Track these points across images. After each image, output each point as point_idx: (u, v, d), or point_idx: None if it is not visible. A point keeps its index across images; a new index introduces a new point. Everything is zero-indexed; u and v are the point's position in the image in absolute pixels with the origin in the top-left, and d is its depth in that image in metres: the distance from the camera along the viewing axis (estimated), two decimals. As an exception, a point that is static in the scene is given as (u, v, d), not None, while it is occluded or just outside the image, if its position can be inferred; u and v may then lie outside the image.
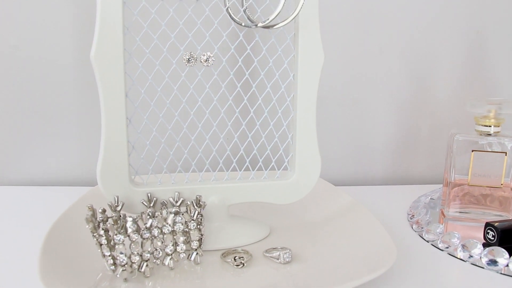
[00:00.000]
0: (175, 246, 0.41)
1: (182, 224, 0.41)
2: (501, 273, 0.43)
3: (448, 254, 0.47)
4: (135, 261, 0.39)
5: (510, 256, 0.44)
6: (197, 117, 0.45)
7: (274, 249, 0.44)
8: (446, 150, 0.56)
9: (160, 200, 0.44)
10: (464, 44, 0.70)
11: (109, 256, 0.38)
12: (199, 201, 0.43)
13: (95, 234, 0.38)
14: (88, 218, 0.38)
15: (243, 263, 0.41)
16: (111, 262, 0.38)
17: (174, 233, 0.41)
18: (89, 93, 0.64)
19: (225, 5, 0.43)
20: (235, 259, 0.42)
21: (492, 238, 0.47)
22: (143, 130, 0.44)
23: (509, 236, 0.46)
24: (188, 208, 0.42)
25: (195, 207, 0.43)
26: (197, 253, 0.42)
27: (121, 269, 0.38)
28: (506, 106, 0.52)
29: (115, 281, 0.38)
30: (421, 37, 0.69)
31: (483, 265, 0.44)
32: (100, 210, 0.40)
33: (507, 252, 0.44)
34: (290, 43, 0.46)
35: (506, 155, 0.52)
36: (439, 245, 0.48)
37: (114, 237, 0.38)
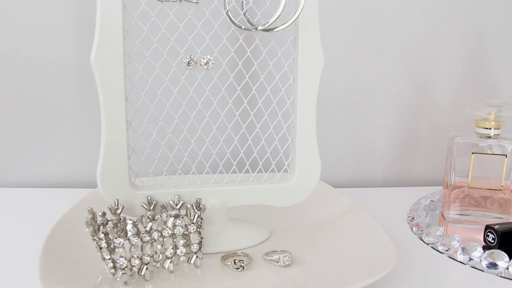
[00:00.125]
0: (175, 249, 0.41)
1: (182, 227, 0.41)
2: (501, 276, 0.43)
3: (448, 257, 0.47)
4: (135, 264, 0.39)
5: (510, 259, 0.44)
6: (197, 120, 0.45)
7: (274, 252, 0.44)
8: (446, 153, 0.56)
9: (160, 203, 0.44)
10: (464, 47, 0.70)
11: (109, 260, 0.38)
12: (199, 204, 0.43)
13: (95, 238, 0.38)
14: (88, 222, 0.38)
15: (243, 266, 0.41)
16: (111, 265, 0.38)
17: (174, 236, 0.41)
18: (90, 95, 0.64)
19: (225, 8, 0.43)
20: (235, 262, 0.42)
21: (492, 241, 0.47)
22: (143, 133, 0.44)
23: (509, 239, 0.46)
24: (188, 211, 0.42)
25: (195, 210, 0.43)
26: (197, 256, 0.42)
27: (121, 272, 0.38)
28: (506, 109, 0.52)
29: (115, 284, 0.38)
30: (421, 40, 0.69)
31: (483, 268, 0.44)
32: (100, 213, 0.40)
33: (507, 255, 0.44)
34: (290, 46, 0.46)
35: (506, 158, 0.52)
36: (439, 248, 0.48)
37: (114, 240, 0.38)
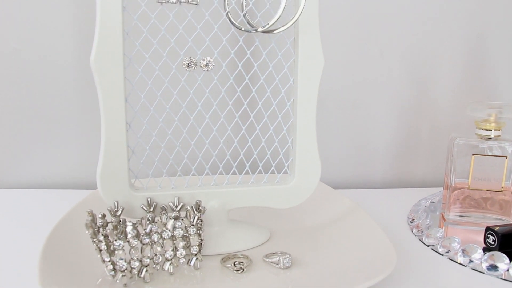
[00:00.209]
0: (175, 251, 0.41)
1: (182, 229, 0.41)
2: (502, 278, 0.43)
3: (449, 259, 0.47)
4: (135, 267, 0.39)
5: (511, 261, 0.44)
6: (197, 122, 0.45)
7: (274, 254, 0.44)
8: (447, 154, 0.55)
9: (160, 205, 0.44)
10: (465, 48, 0.70)
11: (109, 262, 0.38)
12: (199, 206, 0.43)
13: (95, 240, 0.38)
14: (88, 224, 0.38)
15: (243, 268, 0.41)
16: (111, 268, 0.38)
17: (174, 238, 0.41)
18: (90, 95, 0.64)
19: (225, 10, 0.42)
20: (235, 264, 0.42)
21: (493, 243, 0.47)
22: (143, 135, 0.44)
23: (510, 241, 0.46)
24: (188, 213, 0.42)
25: (195, 212, 0.43)
26: (197, 258, 0.42)
27: (121, 275, 0.38)
28: (507, 110, 0.52)
29: (115, 287, 0.38)
30: (422, 40, 0.69)
31: (484, 270, 0.44)
32: (100, 215, 0.40)
33: (507, 257, 0.44)
34: (290, 48, 0.46)
35: (507, 159, 0.52)
36: (439, 250, 0.48)
37: (114, 243, 0.38)
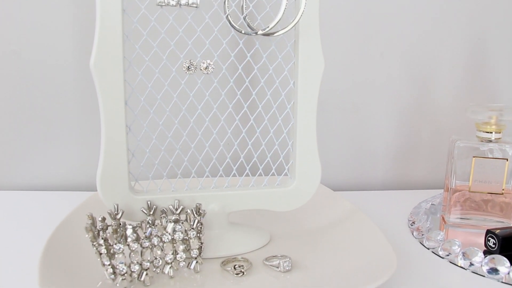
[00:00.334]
0: (175, 255, 0.41)
1: (182, 233, 0.41)
2: (502, 282, 0.43)
3: (449, 262, 0.46)
4: (135, 270, 0.39)
5: (511, 265, 0.44)
6: (197, 125, 0.45)
7: (274, 257, 0.44)
8: (447, 156, 0.55)
9: (160, 208, 0.44)
10: (465, 50, 0.70)
11: (109, 265, 0.38)
12: (199, 210, 0.43)
13: (95, 243, 0.38)
14: (88, 227, 0.38)
15: (243, 272, 0.41)
16: (111, 271, 0.38)
17: (174, 242, 0.41)
18: (90, 97, 0.64)
19: (225, 13, 0.42)
20: (235, 268, 0.42)
21: (493, 246, 0.47)
22: (143, 138, 0.44)
23: (510, 244, 0.46)
24: (188, 217, 0.42)
25: (195, 216, 0.42)
26: (197, 262, 0.42)
27: (121, 278, 0.38)
28: (507, 113, 0.52)
29: (115, 290, 0.38)
30: (422, 42, 0.69)
31: (484, 274, 0.44)
32: (100, 219, 0.40)
33: (508, 261, 0.44)
34: (290, 50, 0.46)
35: (508, 161, 0.52)
36: (440, 253, 0.48)
37: (114, 246, 0.38)
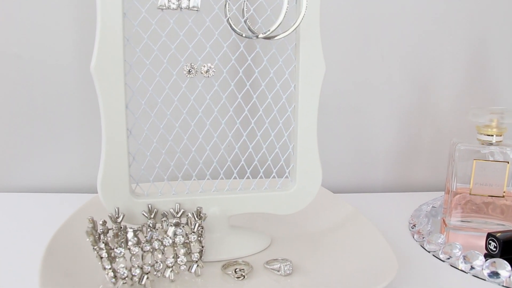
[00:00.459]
0: (176, 258, 0.41)
1: (183, 236, 0.41)
2: (503, 286, 0.43)
3: (450, 266, 0.46)
4: (136, 274, 0.39)
5: (512, 268, 0.44)
6: (198, 128, 0.45)
7: (275, 261, 0.44)
8: (448, 159, 0.55)
9: (161, 211, 0.44)
10: (466, 52, 0.70)
11: (110, 269, 0.38)
12: (200, 213, 0.43)
13: (96, 247, 0.38)
14: (89, 231, 0.38)
15: (244, 275, 0.41)
16: (112, 275, 0.38)
17: (175, 245, 0.41)
18: (91, 98, 0.64)
19: (226, 16, 0.42)
20: (236, 271, 0.42)
21: (494, 249, 0.47)
22: (144, 141, 0.44)
23: (511, 247, 0.46)
24: (189, 220, 0.42)
25: (196, 219, 0.42)
26: (198, 265, 0.42)
27: (122, 282, 0.38)
28: (508, 116, 0.52)
29: (116, 294, 0.38)
30: (423, 44, 0.69)
31: (485, 277, 0.44)
32: (101, 222, 0.40)
33: (509, 264, 0.44)
34: (291, 54, 0.46)
35: (509, 164, 0.52)
36: (441, 256, 0.48)
37: (115, 250, 0.38)
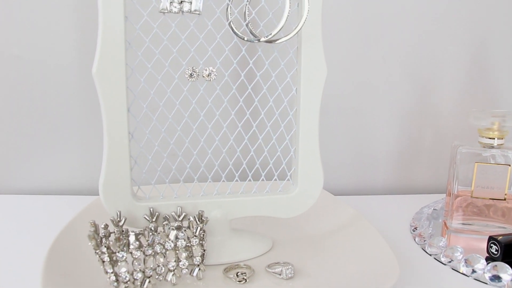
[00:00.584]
0: (178, 262, 0.41)
1: (185, 240, 0.41)
2: (505, 289, 0.43)
3: (451, 269, 0.46)
4: (138, 278, 0.39)
5: (514, 272, 0.44)
6: (199, 132, 0.45)
7: (277, 264, 0.44)
8: (449, 162, 0.55)
9: (163, 215, 0.44)
10: (467, 54, 0.70)
11: (112, 273, 0.38)
12: (202, 217, 0.43)
13: (98, 251, 0.38)
14: (91, 235, 0.38)
15: (246, 279, 0.41)
16: (114, 279, 0.38)
17: (177, 249, 0.41)
18: (92, 100, 0.64)
19: (228, 20, 0.42)
20: (238, 275, 0.42)
21: (496, 252, 0.47)
22: (145, 145, 0.44)
23: (513, 251, 0.46)
24: (191, 224, 0.42)
25: (198, 223, 0.43)
26: (200, 269, 0.42)
27: (124, 286, 0.39)
28: (510, 118, 0.51)
29: (118, 298, 0.38)
30: (424, 46, 0.68)
31: (487, 281, 0.44)
32: (103, 226, 0.40)
33: (511, 268, 0.44)
34: (293, 57, 0.45)
35: (510, 167, 0.52)
36: (442, 259, 0.48)
37: (117, 254, 0.38)
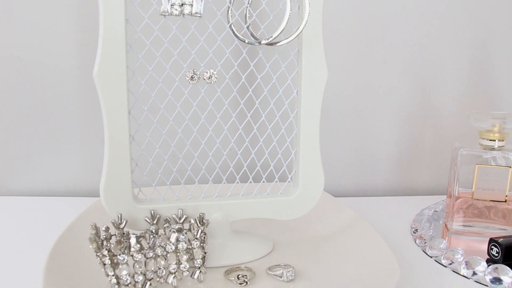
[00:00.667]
0: (179, 264, 0.41)
1: (185, 243, 0.41)
2: (505, 292, 0.43)
3: (452, 271, 0.46)
4: (139, 280, 0.39)
5: (514, 274, 0.44)
6: (200, 134, 0.45)
7: (277, 266, 0.44)
8: (450, 163, 0.55)
9: (164, 217, 0.44)
10: (468, 56, 0.70)
11: (113, 276, 0.38)
12: (202, 219, 0.43)
13: (99, 254, 0.38)
14: (92, 238, 0.38)
15: (246, 282, 0.41)
16: (115, 281, 0.38)
17: (178, 251, 0.41)
18: (93, 102, 0.64)
19: (228, 22, 0.42)
20: (239, 277, 0.42)
21: (496, 255, 0.47)
22: (146, 147, 0.44)
23: (513, 253, 0.46)
24: (192, 226, 0.42)
25: (198, 225, 0.43)
26: (201, 271, 0.42)
27: (125, 289, 0.39)
28: (511, 120, 0.51)
29: (119, 301, 0.38)
30: (425, 48, 0.68)
31: (487, 283, 0.44)
32: (104, 228, 0.40)
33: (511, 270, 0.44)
34: (294, 59, 0.45)
35: (511, 169, 0.52)
36: (443, 261, 0.48)
37: (118, 257, 0.38)
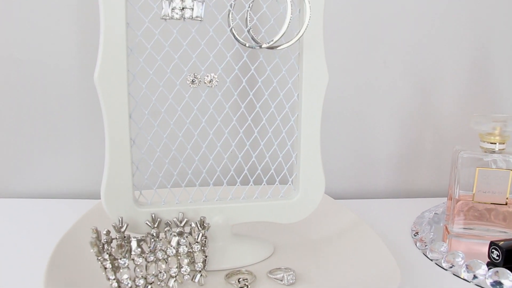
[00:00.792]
0: (179, 268, 0.41)
1: (186, 246, 0.41)
2: (506, 295, 0.43)
3: (453, 274, 0.47)
4: (140, 284, 0.39)
5: (515, 278, 0.44)
6: (201, 138, 0.45)
7: (278, 270, 0.44)
8: (451, 166, 0.55)
9: (164, 221, 0.44)
10: (469, 58, 0.70)
11: (114, 279, 0.38)
12: (203, 223, 0.43)
13: (100, 258, 0.38)
14: (93, 242, 0.38)
15: (247, 285, 0.41)
16: (116, 285, 0.38)
17: (178, 255, 0.41)
18: (94, 104, 0.64)
19: (229, 26, 0.42)
20: (239, 281, 0.42)
21: (497, 258, 0.47)
22: (147, 151, 0.44)
23: (514, 256, 0.46)
24: (192, 230, 0.42)
25: (199, 229, 0.43)
26: (201, 275, 0.42)
27: (126, 293, 0.39)
28: (511, 123, 0.51)
29: (120, 305, 0.38)
30: (426, 50, 0.69)
31: (488, 287, 0.44)
32: (105, 232, 0.40)
33: (512, 274, 0.44)
34: (295, 63, 0.45)
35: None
36: (443, 265, 0.48)
37: (119, 261, 0.38)
